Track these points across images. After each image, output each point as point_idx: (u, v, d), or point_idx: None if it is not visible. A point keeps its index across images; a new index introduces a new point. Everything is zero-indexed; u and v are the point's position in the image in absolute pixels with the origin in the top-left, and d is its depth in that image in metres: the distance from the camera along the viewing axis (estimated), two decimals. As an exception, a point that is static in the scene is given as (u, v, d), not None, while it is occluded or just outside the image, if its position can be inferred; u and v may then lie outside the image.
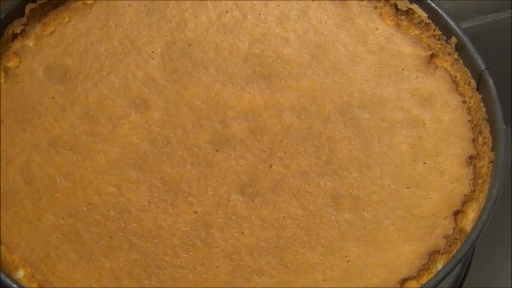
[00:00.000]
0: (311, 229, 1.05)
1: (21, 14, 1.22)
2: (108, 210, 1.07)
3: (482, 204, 1.04)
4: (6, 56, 1.20)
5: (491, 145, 1.10)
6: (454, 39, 1.19)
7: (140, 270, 1.02)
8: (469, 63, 1.17)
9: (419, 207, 1.06)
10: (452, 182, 1.08)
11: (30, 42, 1.22)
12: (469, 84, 1.16)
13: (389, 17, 1.24)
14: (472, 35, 1.19)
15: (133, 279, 1.01)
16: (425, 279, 1.00)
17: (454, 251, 1.02)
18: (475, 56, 1.16)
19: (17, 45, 1.21)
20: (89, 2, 1.26)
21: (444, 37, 1.20)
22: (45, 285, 1.00)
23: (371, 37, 1.23)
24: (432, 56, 1.19)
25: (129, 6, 1.26)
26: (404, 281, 0.99)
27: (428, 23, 1.21)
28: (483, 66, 1.14)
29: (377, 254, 1.03)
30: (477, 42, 1.18)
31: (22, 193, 1.08)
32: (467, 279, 1.20)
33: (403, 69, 1.19)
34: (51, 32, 1.23)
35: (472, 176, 1.08)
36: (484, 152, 1.11)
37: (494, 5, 1.55)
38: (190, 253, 1.04)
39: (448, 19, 1.20)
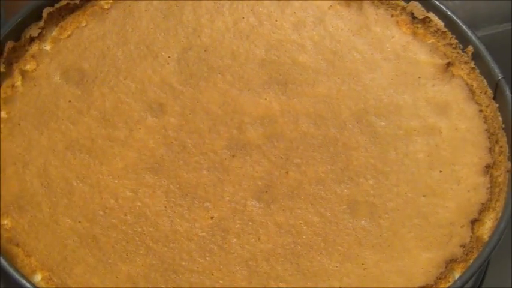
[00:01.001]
0: (328, 236, 1.06)
1: (39, 17, 1.22)
2: (125, 215, 1.07)
3: (500, 213, 1.04)
4: (23, 59, 1.20)
5: (508, 154, 1.10)
6: (470, 48, 1.19)
7: (157, 275, 1.02)
8: (486, 72, 1.17)
9: (435, 215, 1.06)
10: (468, 191, 1.08)
11: (47, 46, 1.22)
12: (485, 93, 1.17)
13: (406, 25, 1.24)
14: (488, 44, 1.19)
15: (150, 284, 1.01)
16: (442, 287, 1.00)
17: (471, 260, 1.02)
18: (492, 65, 1.16)
19: (34, 48, 1.21)
20: (106, 6, 1.27)
21: (461, 46, 1.21)
22: (62, 288, 1.00)
23: (387, 45, 1.23)
24: (449, 64, 1.20)
25: (146, 11, 1.26)
26: (421, 289, 0.99)
27: (445, 32, 1.22)
28: (500, 75, 1.14)
29: (394, 262, 1.03)
30: (493, 51, 1.18)
31: (39, 196, 1.08)
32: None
33: (419, 77, 1.19)
34: (68, 36, 1.23)
35: (488, 185, 1.08)
36: (500, 161, 1.11)
37: (509, 14, 1.55)
38: (207, 258, 1.04)
39: (465, 27, 1.20)
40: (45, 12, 1.22)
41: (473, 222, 1.05)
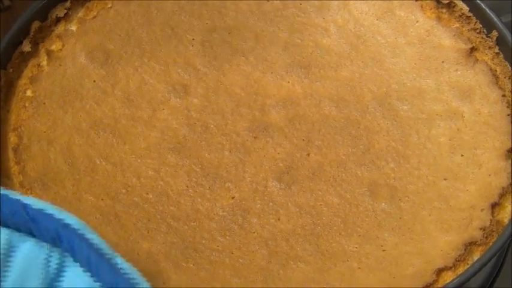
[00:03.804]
0: (347, 217, 1.06)
1: (65, -2, 1.24)
2: (147, 193, 1.08)
3: (521, 197, 1.04)
4: (49, 39, 1.22)
5: (530, 139, 1.10)
6: (495, 33, 1.19)
7: (177, 253, 1.03)
8: (510, 57, 1.16)
9: (456, 198, 1.06)
10: (490, 175, 1.08)
11: (73, 26, 1.23)
12: (509, 78, 1.16)
13: (430, 9, 1.24)
14: (513, 29, 1.18)
15: (170, 261, 1.02)
16: (461, 270, 1.00)
17: (491, 243, 1.02)
18: (517, 50, 1.16)
19: (60, 28, 1.23)
20: (132, -12, 1.28)
21: (485, 31, 1.20)
22: (84, 264, 1.01)
23: (411, 29, 1.23)
24: (472, 49, 1.19)
25: (171, -8, 1.28)
26: (440, 271, 0.99)
27: (469, 16, 1.21)
28: (524, 61, 1.14)
29: (413, 244, 1.03)
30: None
31: (63, 174, 1.09)
32: (500, 277, 1.19)
33: (443, 61, 1.19)
34: (94, 17, 1.24)
35: (510, 169, 1.08)
36: (522, 146, 1.10)
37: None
38: (227, 237, 1.05)
39: (490, 12, 1.19)
40: (72, -8, 1.24)
41: (494, 206, 1.05)
